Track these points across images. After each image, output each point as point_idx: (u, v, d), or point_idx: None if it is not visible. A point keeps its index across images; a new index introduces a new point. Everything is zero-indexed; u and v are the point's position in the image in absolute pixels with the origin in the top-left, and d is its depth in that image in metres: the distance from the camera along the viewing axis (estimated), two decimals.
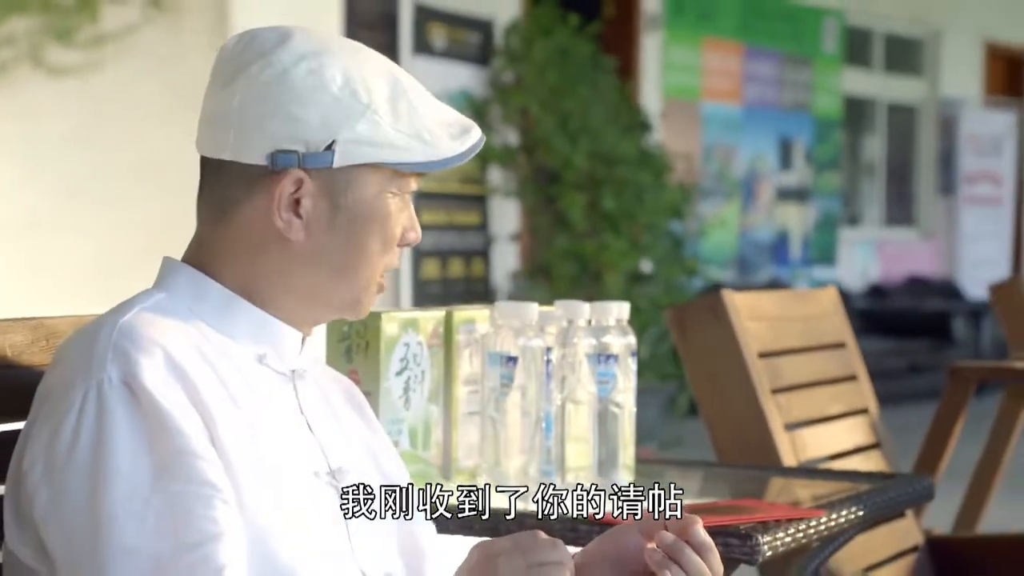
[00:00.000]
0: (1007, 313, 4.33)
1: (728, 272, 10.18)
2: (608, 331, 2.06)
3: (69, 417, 1.34)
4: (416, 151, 1.45)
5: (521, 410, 2.00)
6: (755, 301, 2.62)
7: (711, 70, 10.25)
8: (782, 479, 2.32)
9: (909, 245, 12.57)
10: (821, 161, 11.40)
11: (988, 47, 13.03)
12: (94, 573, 1.30)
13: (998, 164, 12.94)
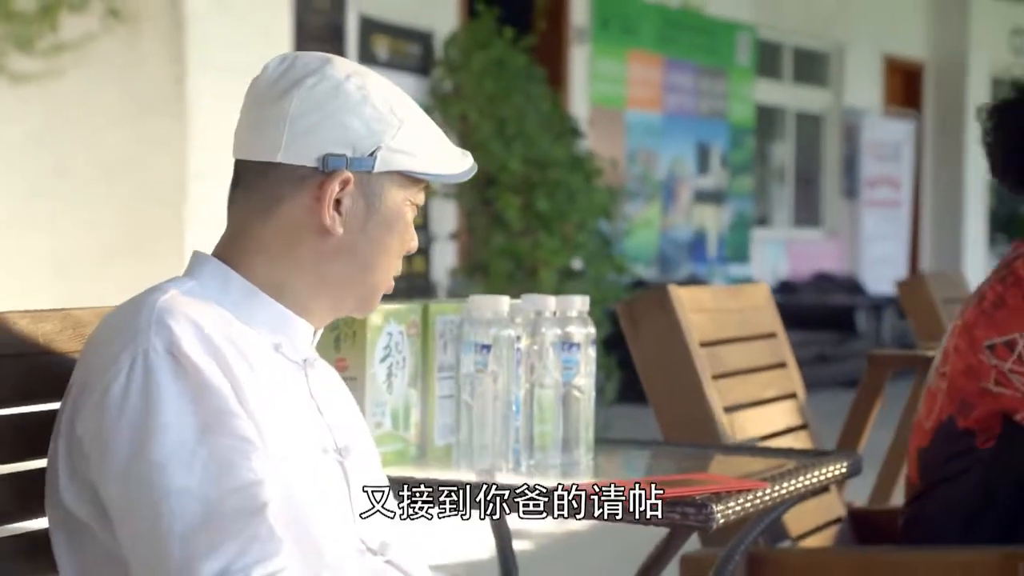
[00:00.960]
0: (913, 307, 4.46)
1: (651, 269, 10.23)
2: (571, 322, 2.12)
3: (118, 381, 1.40)
4: (438, 164, 1.56)
5: (493, 394, 2.06)
6: (697, 295, 2.67)
7: (634, 80, 10.30)
8: (723, 456, 2.38)
9: (816, 244, 12.68)
10: (735, 166, 11.46)
11: (887, 60, 13.18)
12: (150, 515, 1.36)
13: (897, 169, 13.09)
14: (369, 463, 1.61)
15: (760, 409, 2.72)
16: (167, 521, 1.36)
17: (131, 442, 1.38)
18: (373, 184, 1.52)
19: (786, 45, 12.23)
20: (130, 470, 1.38)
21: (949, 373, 2.46)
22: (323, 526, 1.47)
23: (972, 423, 2.44)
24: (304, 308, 1.55)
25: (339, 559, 1.48)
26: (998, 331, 2.38)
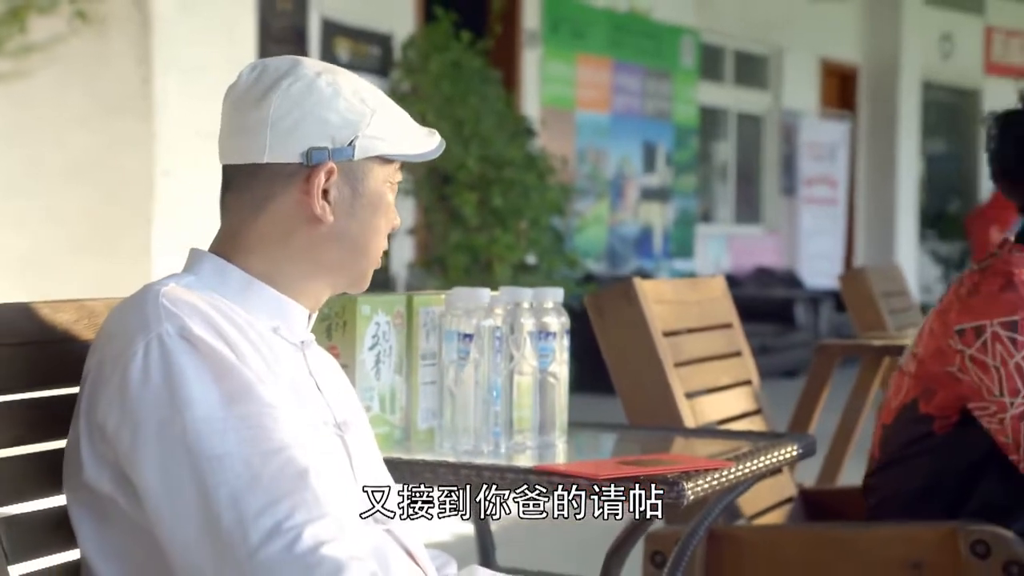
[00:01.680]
0: (853, 299, 4.53)
1: (600, 264, 10.30)
2: (547, 312, 2.18)
3: (134, 364, 1.43)
4: (410, 145, 1.61)
5: (475, 380, 2.12)
6: (659, 288, 2.73)
7: (584, 82, 10.36)
8: (685, 439, 2.43)
9: (756, 240, 12.77)
10: (680, 164, 11.54)
11: (823, 64, 13.29)
12: (193, 487, 1.38)
13: (832, 169, 13.18)
14: (366, 438, 1.67)
15: (718, 395, 2.78)
16: (212, 487, 1.38)
17: (159, 422, 1.41)
18: (355, 171, 1.57)
19: (728, 48, 12.32)
20: (164, 449, 1.40)
21: (920, 354, 2.49)
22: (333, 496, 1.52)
23: (933, 409, 2.48)
24: (300, 293, 1.60)
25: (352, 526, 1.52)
26: (970, 317, 2.40)
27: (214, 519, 1.38)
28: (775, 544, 2.59)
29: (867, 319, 4.39)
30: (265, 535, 1.36)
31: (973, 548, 2.33)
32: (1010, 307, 2.37)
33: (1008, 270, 2.41)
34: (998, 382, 2.36)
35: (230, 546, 1.37)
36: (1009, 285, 2.39)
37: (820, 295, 11.12)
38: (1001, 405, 2.36)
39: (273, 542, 1.36)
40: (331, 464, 1.55)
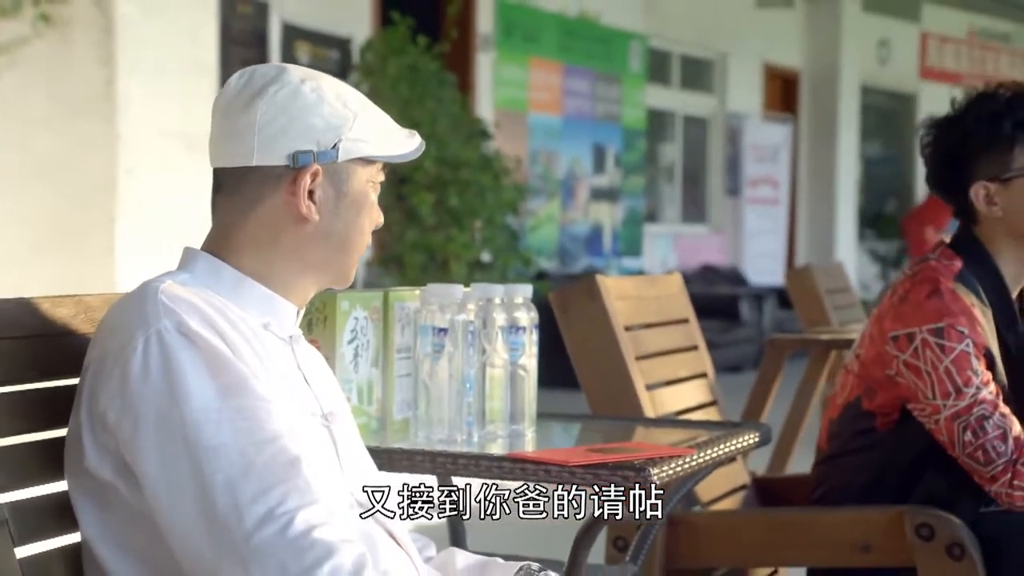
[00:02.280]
0: (799, 296, 4.62)
1: (552, 262, 10.36)
2: (518, 308, 2.22)
3: (135, 358, 1.46)
4: (391, 146, 1.65)
5: (448, 372, 2.16)
6: (620, 284, 2.77)
7: (536, 85, 10.42)
8: (645, 428, 2.49)
9: (702, 239, 12.87)
10: (628, 165, 11.62)
11: (766, 68, 13.43)
12: (190, 476, 1.42)
13: (775, 170, 13.30)
14: (350, 428, 1.71)
15: (676, 387, 2.82)
16: (208, 475, 1.41)
17: (158, 414, 1.45)
18: (339, 172, 1.61)
19: (675, 53, 12.42)
20: (163, 439, 1.44)
21: (862, 356, 2.55)
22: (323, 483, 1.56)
23: (875, 407, 2.53)
24: (289, 290, 1.64)
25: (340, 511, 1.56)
26: (902, 324, 2.45)
27: (211, 505, 1.41)
28: (731, 528, 2.64)
29: (812, 315, 4.48)
30: (259, 520, 1.40)
31: (918, 531, 2.39)
32: (936, 314, 2.43)
33: (935, 278, 2.47)
34: (931, 386, 2.41)
35: (226, 530, 1.40)
36: (935, 293, 2.45)
37: (764, 292, 11.23)
38: (935, 408, 2.42)
39: (267, 526, 1.39)
40: (319, 453, 1.60)
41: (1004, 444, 2.39)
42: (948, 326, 2.41)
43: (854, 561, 2.49)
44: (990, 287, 2.51)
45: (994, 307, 2.51)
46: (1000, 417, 2.40)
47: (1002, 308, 2.52)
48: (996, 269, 2.52)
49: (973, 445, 2.40)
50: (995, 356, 2.47)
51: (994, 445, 2.39)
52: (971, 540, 2.38)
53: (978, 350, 2.42)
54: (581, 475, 1.94)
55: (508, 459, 2.01)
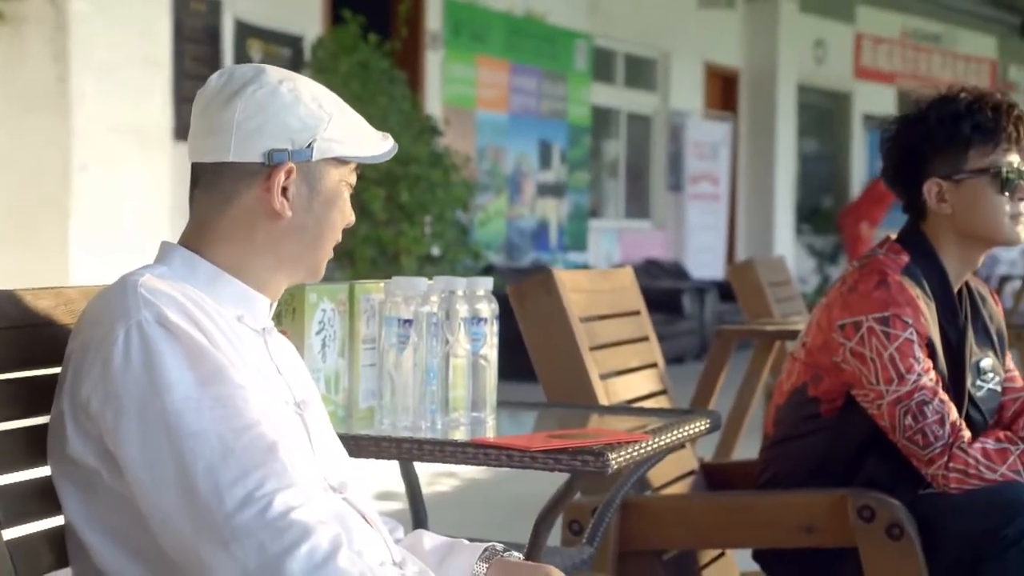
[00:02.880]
0: (743, 289, 4.69)
1: (499, 256, 10.39)
2: (479, 300, 2.25)
3: (116, 349, 1.49)
4: (364, 148, 1.69)
5: (413, 362, 2.20)
6: (575, 278, 2.80)
7: (483, 83, 10.43)
8: (600, 416, 2.52)
9: (645, 234, 12.91)
10: (573, 162, 11.66)
11: (707, 67, 13.50)
12: (172, 462, 1.45)
13: (716, 167, 13.38)
14: (322, 416, 1.75)
15: (628, 376, 2.86)
16: (190, 461, 1.44)
17: (140, 403, 1.47)
18: (313, 171, 1.64)
19: (619, 52, 12.46)
20: (145, 428, 1.47)
21: (809, 345, 2.60)
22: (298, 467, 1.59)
23: (820, 393, 2.59)
24: (262, 284, 1.67)
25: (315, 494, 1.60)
26: (849, 312, 2.51)
27: (191, 489, 1.44)
28: (682, 511, 2.69)
29: (755, 307, 4.55)
30: (239, 503, 1.43)
31: (860, 513, 2.45)
32: (882, 304, 2.49)
33: (882, 270, 2.54)
34: (875, 372, 2.48)
35: (207, 513, 1.43)
36: (883, 283, 2.51)
37: (705, 286, 11.32)
38: (878, 393, 2.48)
39: (247, 509, 1.43)
40: (293, 439, 1.63)
41: (942, 428, 2.46)
42: (893, 315, 2.48)
43: (799, 542, 2.54)
44: (934, 281, 2.58)
45: (937, 301, 2.57)
46: (939, 403, 2.47)
47: (944, 302, 2.58)
48: (941, 264, 2.59)
49: (913, 429, 2.46)
50: (936, 346, 2.54)
51: (932, 429, 2.46)
52: (909, 521, 2.43)
53: (921, 339, 2.49)
54: (542, 460, 1.98)
55: (472, 445, 2.05)
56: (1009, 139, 2.55)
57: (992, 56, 18.75)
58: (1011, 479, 2.43)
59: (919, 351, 2.48)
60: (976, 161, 2.55)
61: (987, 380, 2.65)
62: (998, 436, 2.50)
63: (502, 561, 1.72)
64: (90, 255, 6.36)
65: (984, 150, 2.55)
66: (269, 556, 1.41)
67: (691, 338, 10.59)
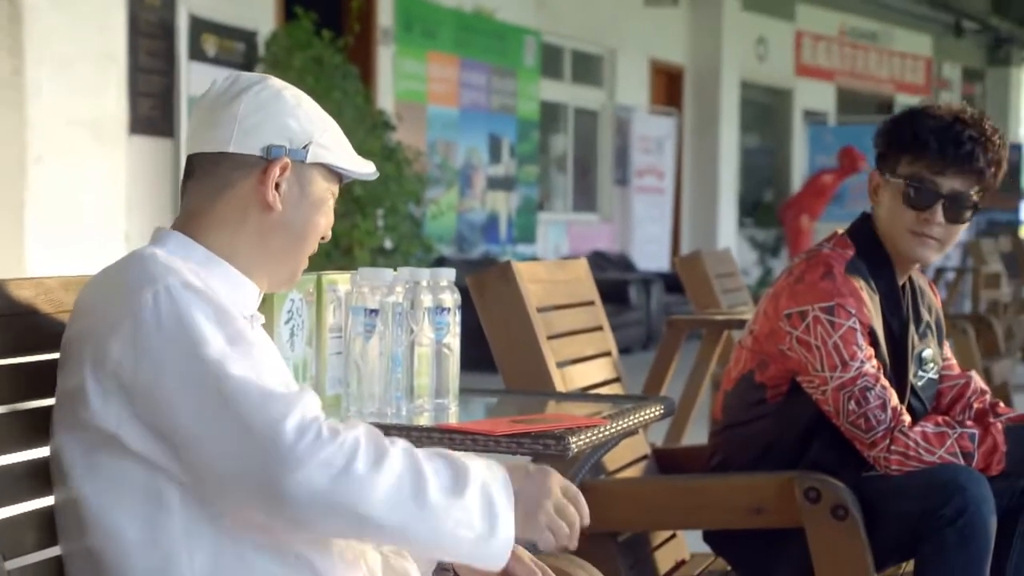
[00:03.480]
0: (691, 280, 4.73)
1: (450, 248, 10.42)
2: (443, 290, 2.29)
3: (146, 310, 1.53)
4: (352, 163, 1.76)
5: (379, 351, 2.23)
6: (532, 268, 2.83)
7: (434, 78, 10.45)
8: (557, 402, 2.56)
9: (592, 226, 12.99)
10: (523, 156, 11.70)
11: (653, 64, 13.60)
12: (224, 404, 1.49)
13: (661, 161, 13.50)
14: None
15: (584, 364, 2.89)
16: (241, 403, 1.49)
17: (180, 358, 1.51)
18: (305, 172, 1.70)
19: (566, 48, 12.52)
20: (189, 381, 1.50)
21: (756, 332, 2.66)
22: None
23: (766, 379, 2.64)
24: (251, 273, 1.72)
25: None
26: (796, 302, 2.57)
27: (248, 429, 1.48)
28: (637, 494, 2.73)
29: (703, 298, 4.60)
30: (296, 431, 1.48)
31: (806, 494, 2.49)
32: (828, 294, 2.55)
33: (828, 262, 2.60)
34: (820, 359, 2.54)
35: (272, 446, 1.47)
36: (828, 274, 2.58)
37: (651, 277, 11.40)
38: (823, 379, 2.54)
39: (305, 436, 1.48)
40: None
41: (884, 413, 2.52)
42: (838, 305, 2.54)
43: (748, 523, 2.59)
44: (878, 274, 2.64)
45: (881, 293, 2.63)
46: (881, 389, 2.53)
47: (888, 294, 2.64)
48: (887, 257, 2.66)
49: (856, 413, 2.52)
50: (879, 336, 2.60)
51: (875, 414, 2.52)
52: (853, 502, 2.48)
53: (864, 328, 2.55)
54: (506, 444, 2.03)
55: (437, 430, 2.08)
56: (959, 163, 2.55)
57: (927, 54, 19.00)
58: (948, 461, 2.50)
59: (862, 339, 2.54)
60: (906, 168, 2.59)
61: (928, 370, 2.72)
62: (937, 421, 2.56)
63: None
64: (45, 248, 6.32)
65: (920, 162, 2.57)
66: (337, 469, 1.47)
67: (638, 329, 10.66)
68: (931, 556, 2.46)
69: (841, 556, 2.47)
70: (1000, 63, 20.51)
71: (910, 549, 2.51)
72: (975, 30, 18.95)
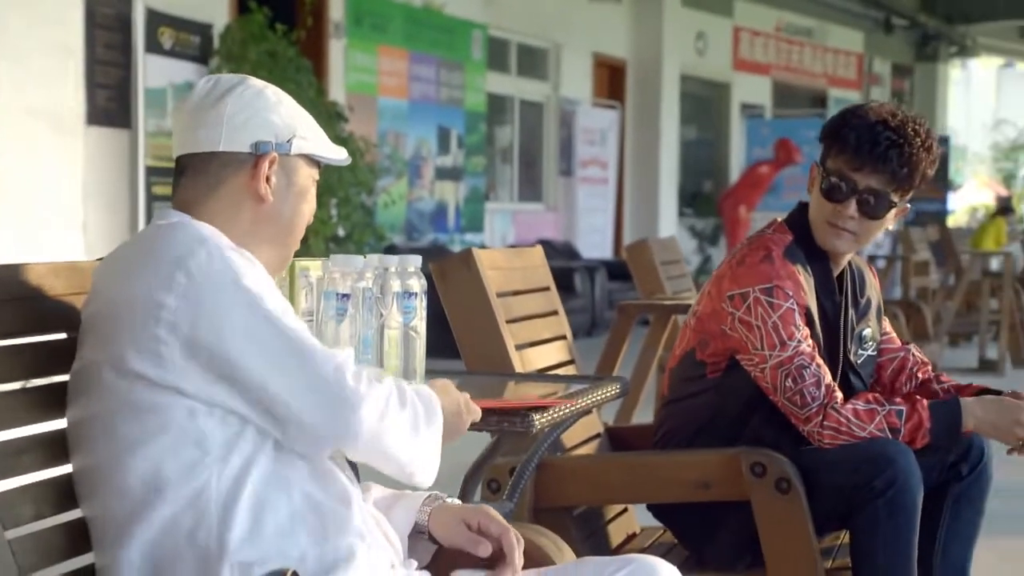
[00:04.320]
0: (638, 267, 4.81)
1: (400, 237, 10.45)
2: (410, 276, 2.33)
3: (200, 268, 1.61)
4: (330, 151, 1.84)
5: (350, 333, 2.29)
6: (492, 256, 2.88)
7: (384, 71, 10.45)
8: (516, 383, 2.62)
9: (538, 215, 13.04)
10: (470, 147, 11.72)
11: (596, 58, 13.66)
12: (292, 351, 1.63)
13: (604, 152, 13.56)
14: None
15: (541, 347, 2.96)
16: (305, 350, 1.63)
17: (242, 308, 1.61)
18: (290, 164, 1.79)
19: (512, 42, 12.55)
20: (256, 329, 1.61)
21: (699, 313, 2.73)
22: None
23: (707, 357, 2.72)
24: None
25: None
26: (737, 284, 2.64)
27: (316, 373, 1.63)
28: (592, 471, 2.80)
29: (649, 285, 4.68)
30: (354, 378, 1.64)
31: (752, 469, 2.56)
32: (767, 277, 2.63)
33: (768, 246, 2.68)
34: (759, 338, 2.61)
35: (338, 388, 1.63)
36: (767, 258, 2.65)
37: (595, 265, 11.47)
38: (762, 357, 2.61)
39: (360, 381, 1.65)
40: None
41: (818, 390, 2.59)
42: (776, 287, 2.61)
43: (696, 496, 2.65)
44: (814, 259, 2.72)
45: (815, 276, 2.71)
46: (816, 367, 2.60)
47: (822, 278, 2.72)
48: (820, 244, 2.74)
49: (792, 390, 2.59)
50: (814, 317, 2.68)
51: (810, 391, 2.59)
52: (796, 475, 2.55)
53: (800, 309, 2.63)
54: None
55: None
56: (874, 162, 2.61)
57: (859, 50, 19.23)
58: (878, 436, 2.57)
59: (799, 320, 2.61)
60: (831, 162, 2.66)
61: (867, 348, 2.81)
62: (868, 398, 2.62)
63: (444, 505, 1.85)
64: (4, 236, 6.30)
65: (841, 157, 2.64)
66: (386, 406, 1.67)
67: (583, 315, 10.74)
68: (864, 526, 2.53)
69: (785, 526, 2.54)
70: (928, 59, 20.79)
71: (845, 519, 2.58)
72: (904, 27, 19.20)
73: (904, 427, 2.58)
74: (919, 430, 2.59)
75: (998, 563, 4.01)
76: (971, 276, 9.55)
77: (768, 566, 2.58)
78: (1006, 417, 2.61)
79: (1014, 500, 4.26)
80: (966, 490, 2.69)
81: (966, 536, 2.71)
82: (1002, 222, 14.05)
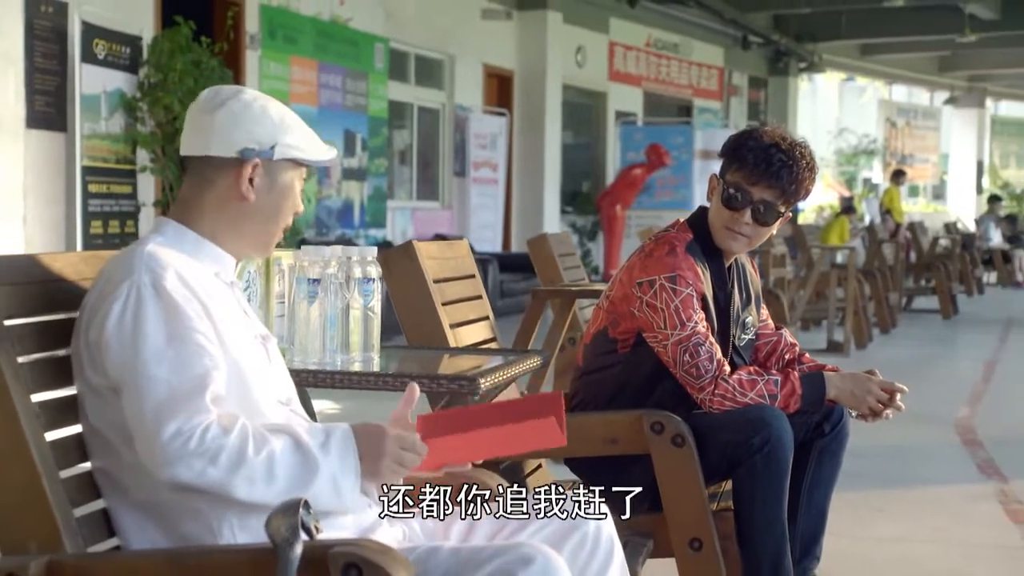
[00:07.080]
0: (539, 259, 4.96)
1: (311, 231, 10.49)
2: (369, 264, 2.54)
3: (118, 303, 1.76)
4: (315, 153, 1.98)
5: (319, 313, 2.48)
6: (429, 248, 3.05)
7: (296, 80, 10.46)
8: (452, 356, 2.80)
9: (434, 213, 13.07)
10: (373, 150, 11.73)
11: (486, 69, 13.72)
12: (136, 395, 1.73)
13: (494, 155, 13.60)
14: (277, 349, 2.04)
15: (470, 326, 3.14)
16: (144, 397, 1.71)
17: (124, 346, 1.74)
18: (274, 167, 1.93)
19: (411, 54, 12.59)
20: (124, 365, 1.73)
21: (612, 296, 2.92)
22: (258, 386, 1.88)
23: (618, 334, 2.90)
24: (230, 249, 1.95)
25: (267, 407, 1.89)
26: (646, 273, 2.80)
27: (143, 421, 1.71)
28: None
29: (549, 274, 4.86)
30: (171, 436, 1.70)
31: (653, 427, 2.74)
32: (671, 267, 2.82)
33: (672, 242, 2.88)
34: (663, 320, 2.80)
35: (154, 438, 1.70)
36: (672, 252, 2.85)
37: (488, 258, 11.58)
38: (665, 336, 2.80)
39: (175, 441, 1.69)
40: (255, 365, 1.90)
41: (711, 364, 2.80)
42: (679, 276, 2.82)
43: (604, 451, 2.82)
44: (710, 255, 2.92)
45: (711, 270, 2.92)
46: (709, 345, 2.81)
47: (716, 271, 2.94)
48: (714, 242, 2.93)
49: (689, 364, 2.80)
50: (709, 303, 2.89)
51: (704, 365, 2.79)
52: (689, 433, 2.74)
53: (698, 296, 2.83)
54: (427, 384, 2.29)
55: (372, 375, 2.34)
56: (768, 179, 2.81)
57: (720, 64, 19.68)
58: (758, 403, 2.78)
59: (697, 305, 2.82)
60: (731, 175, 2.86)
61: (748, 332, 3.02)
62: (750, 371, 2.84)
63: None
64: None
65: (740, 172, 2.84)
66: (196, 472, 1.69)
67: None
68: (743, 476, 2.74)
69: (679, 475, 2.72)
70: (780, 73, 21.36)
71: (729, 470, 2.78)
72: (760, 44, 19.70)
73: (780, 393, 2.79)
74: (792, 396, 2.80)
75: (850, 508, 4.31)
76: (820, 268, 9.91)
77: (665, 508, 2.76)
78: (861, 388, 2.85)
79: (858, 459, 4.57)
80: (827, 446, 2.91)
81: (827, 483, 2.92)
82: (845, 220, 14.46)
